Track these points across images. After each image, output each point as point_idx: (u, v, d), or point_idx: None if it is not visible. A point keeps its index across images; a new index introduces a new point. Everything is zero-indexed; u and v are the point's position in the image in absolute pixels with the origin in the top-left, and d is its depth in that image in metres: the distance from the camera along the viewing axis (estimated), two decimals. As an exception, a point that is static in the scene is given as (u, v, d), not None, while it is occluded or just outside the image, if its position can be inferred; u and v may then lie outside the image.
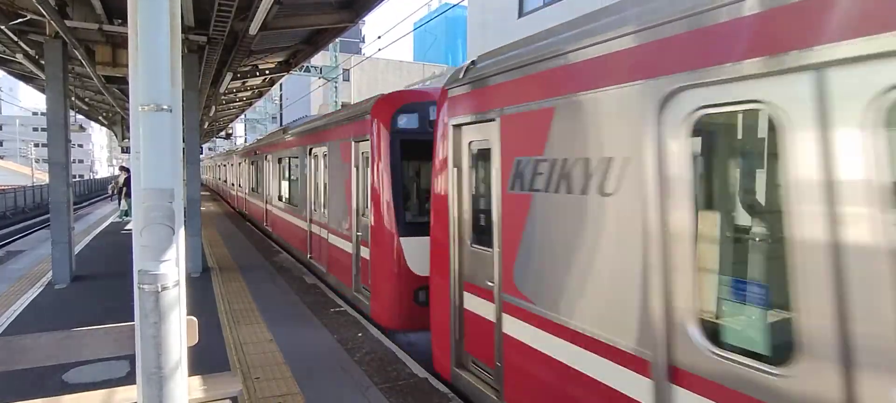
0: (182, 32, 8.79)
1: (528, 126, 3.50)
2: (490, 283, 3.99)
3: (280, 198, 13.02)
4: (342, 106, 10.25)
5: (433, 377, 4.96)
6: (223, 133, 38.19)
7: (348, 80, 37.37)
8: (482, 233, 4.24)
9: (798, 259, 2.00)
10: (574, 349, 3.09)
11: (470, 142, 4.38)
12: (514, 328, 3.66)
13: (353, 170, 7.26)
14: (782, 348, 2.08)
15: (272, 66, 14.25)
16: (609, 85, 2.85)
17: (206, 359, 4.99)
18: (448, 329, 4.57)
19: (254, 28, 8.36)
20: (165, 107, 2.24)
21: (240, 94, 19.90)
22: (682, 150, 2.46)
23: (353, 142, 7.27)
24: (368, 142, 6.63)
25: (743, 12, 2.19)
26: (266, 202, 14.99)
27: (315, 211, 9.53)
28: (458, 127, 4.45)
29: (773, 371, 2.06)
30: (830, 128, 1.93)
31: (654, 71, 2.57)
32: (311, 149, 9.78)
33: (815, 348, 1.93)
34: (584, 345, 3.02)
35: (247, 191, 19.84)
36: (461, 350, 4.51)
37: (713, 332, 2.37)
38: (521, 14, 17.04)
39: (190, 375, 3.00)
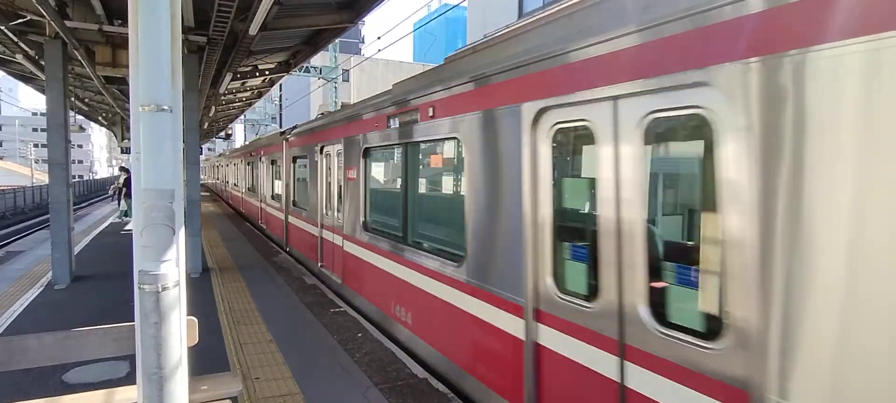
0: (182, 33, 8.81)
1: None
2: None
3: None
4: (342, 106, 10.32)
5: (433, 377, 4.96)
6: (223, 133, 38.21)
7: (348, 81, 37.39)
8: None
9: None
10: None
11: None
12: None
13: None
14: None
15: (272, 66, 14.25)
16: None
17: (206, 360, 4.99)
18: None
19: (254, 28, 8.37)
20: (165, 107, 2.25)
21: (239, 95, 19.90)
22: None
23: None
24: None
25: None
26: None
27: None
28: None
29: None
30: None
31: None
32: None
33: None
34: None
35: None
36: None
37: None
38: (520, 14, 17.06)
39: (190, 375, 3.00)
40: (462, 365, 4.64)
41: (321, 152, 9.44)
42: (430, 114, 5.14)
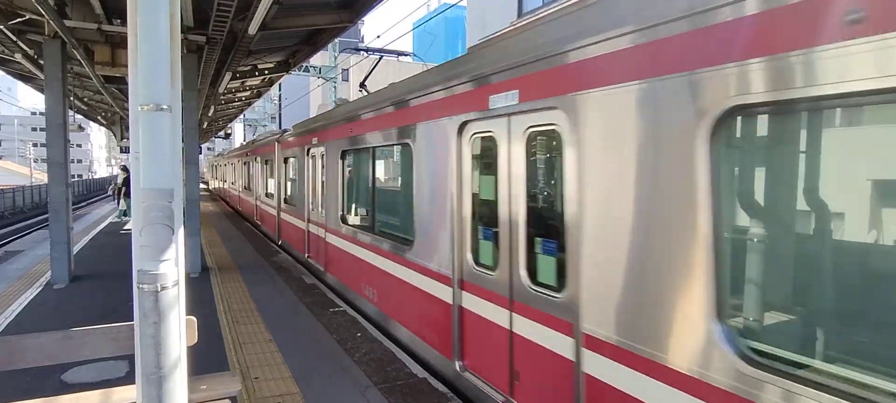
0: (181, 32, 8.80)
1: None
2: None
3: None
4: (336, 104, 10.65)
5: (432, 377, 4.96)
6: (222, 133, 38.18)
7: (347, 80, 37.36)
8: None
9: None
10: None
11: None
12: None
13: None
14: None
15: (271, 65, 14.24)
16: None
17: (205, 359, 4.99)
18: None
19: (253, 28, 8.36)
20: (165, 106, 2.24)
21: (239, 94, 19.88)
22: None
23: None
24: None
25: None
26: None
27: None
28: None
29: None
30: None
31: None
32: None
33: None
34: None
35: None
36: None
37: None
38: (520, 14, 17.07)
39: (189, 375, 3.00)
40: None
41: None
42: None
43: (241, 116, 40.29)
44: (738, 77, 2.33)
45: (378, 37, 9.59)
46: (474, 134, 4.48)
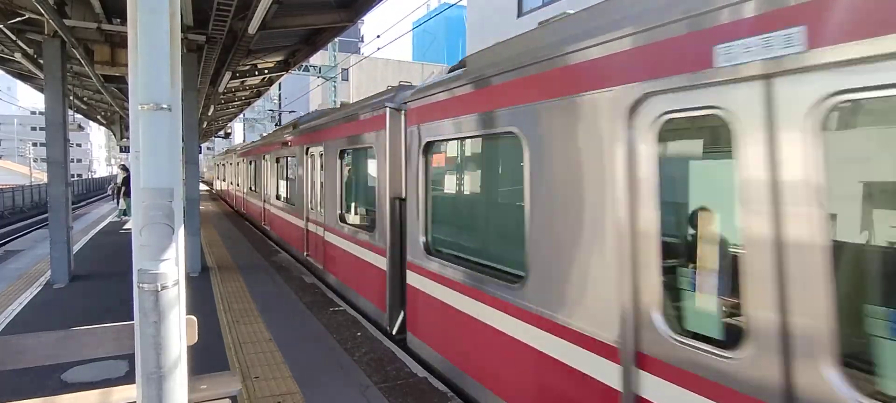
0: (181, 32, 8.79)
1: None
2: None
3: None
4: (341, 105, 10.34)
5: (432, 376, 4.96)
6: (222, 132, 38.18)
7: (347, 80, 37.37)
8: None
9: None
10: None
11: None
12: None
13: None
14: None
15: (271, 65, 14.24)
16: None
17: (205, 359, 4.99)
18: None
19: (253, 27, 8.36)
20: (165, 106, 2.24)
21: (238, 94, 19.88)
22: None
23: None
24: None
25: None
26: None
27: None
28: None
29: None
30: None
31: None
32: None
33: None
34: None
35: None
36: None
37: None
38: (520, 13, 17.04)
39: (189, 374, 3.00)
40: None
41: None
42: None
43: (241, 116, 40.29)
44: None
45: (378, 36, 9.56)
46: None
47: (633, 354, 2.81)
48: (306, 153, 10.41)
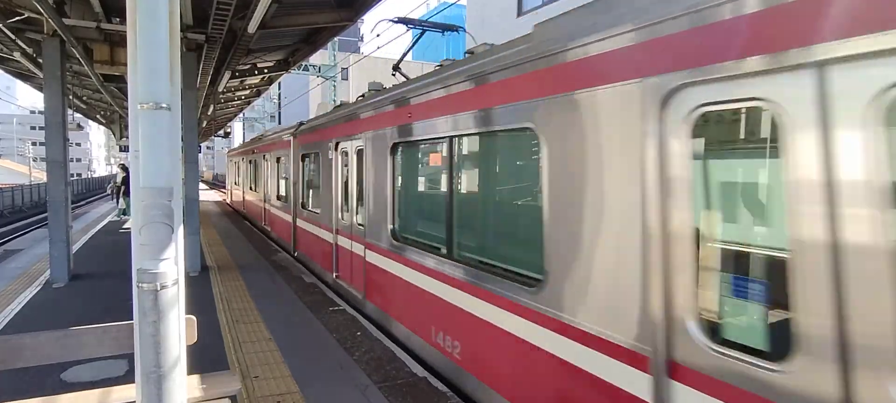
0: (180, 31, 8.78)
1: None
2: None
3: None
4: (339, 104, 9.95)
5: (432, 376, 4.96)
6: (221, 132, 38.17)
7: (347, 79, 37.36)
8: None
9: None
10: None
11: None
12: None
13: None
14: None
15: (271, 64, 14.23)
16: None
17: (205, 358, 4.98)
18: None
19: (252, 27, 8.35)
20: (164, 105, 2.24)
21: (238, 93, 19.87)
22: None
23: None
24: None
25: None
26: None
27: None
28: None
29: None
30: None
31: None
32: None
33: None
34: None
35: None
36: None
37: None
38: (520, 13, 17.04)
39: (188, 374, 3.00)
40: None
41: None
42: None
43: (241, 115, 40.27)
44: None
45: (377, 35, 9.56)
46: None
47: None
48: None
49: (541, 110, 3.49)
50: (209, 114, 21.48)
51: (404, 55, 8.23)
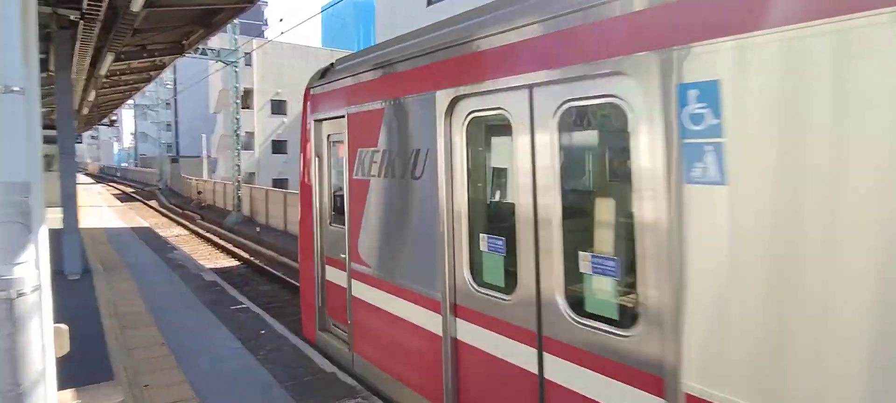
0: (49, 6, 7.81)
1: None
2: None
3: None
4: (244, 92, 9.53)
5: (340, 371, 4.87)
6: (107, 120, 34.74)
7: (250, 65, 35.34)
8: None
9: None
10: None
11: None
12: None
13: None
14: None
15: (162, 46, 13.10)
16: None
17: (85, 370, 4.51)
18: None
19: (136, 5, 7.62)
20: (16, 88, 1.97)
21: (125, 77, 18.12)
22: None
23: None
24: None
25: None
26: None
27: None
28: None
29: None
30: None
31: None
32: None
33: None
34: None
35: None
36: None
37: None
38: (429, 2, 17.08)
39: (60, 388, 2.69)
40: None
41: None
42: None
43: (131, 102, 36.85)
44: None
45: (280, 20, 9.01)
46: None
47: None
48: None
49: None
50: (91, 100, 19.41)
51: None
